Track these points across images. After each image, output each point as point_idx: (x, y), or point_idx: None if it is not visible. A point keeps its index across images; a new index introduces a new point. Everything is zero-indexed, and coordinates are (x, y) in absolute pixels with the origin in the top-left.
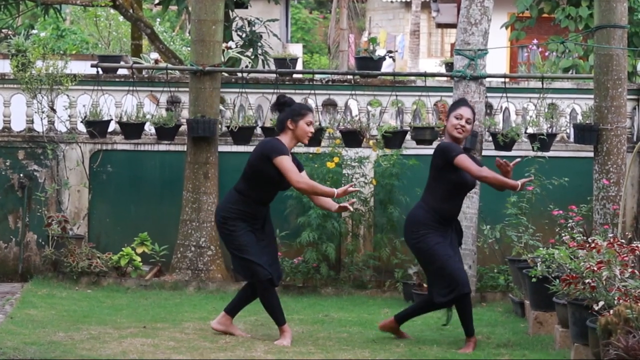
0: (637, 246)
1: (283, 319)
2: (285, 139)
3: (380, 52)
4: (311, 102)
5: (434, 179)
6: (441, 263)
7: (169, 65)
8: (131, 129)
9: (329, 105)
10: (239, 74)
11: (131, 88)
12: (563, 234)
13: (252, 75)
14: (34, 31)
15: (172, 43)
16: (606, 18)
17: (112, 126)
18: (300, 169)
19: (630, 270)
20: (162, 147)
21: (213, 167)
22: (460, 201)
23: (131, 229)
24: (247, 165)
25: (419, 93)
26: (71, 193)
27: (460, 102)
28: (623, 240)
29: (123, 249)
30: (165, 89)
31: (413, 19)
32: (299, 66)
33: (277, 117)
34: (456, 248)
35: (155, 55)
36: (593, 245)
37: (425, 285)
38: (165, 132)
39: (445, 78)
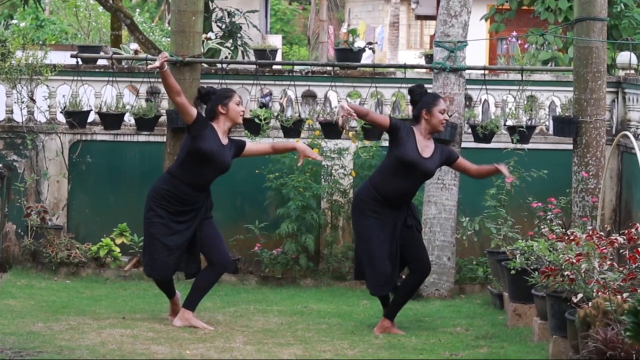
0: (615, 239)
1: (168, 294)
2: (218, 125)
3: (359, 43)
4: (291, 93)
5: (385, 158)
6: (363, 246)
7: (149, 56)
8: (111, 120)
9: (309, 96)
10: (219, 65)
11: (111, 79)
12: (542, 226)
13: (232, 66)
14: (14, 21)
15: (151, 34)
16: (586, 10)
17: (92, 117)
18: (241, 148)
19: (609, 262)
20: (142, 138)
21: None
22: (405, 183)
23: (110, 219)
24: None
25: (399, 85)
26: (50, 183)
27: (437, 96)
28: (602, 233)
29: (102, 239)
30: (145, 79)
31: (392, 11)
32: (279, 57)
33: (205, 108)
34: (396, 235)
35: (134, 45)
36: (572, 237)
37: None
38: (145, 122)
39: (424, 70)
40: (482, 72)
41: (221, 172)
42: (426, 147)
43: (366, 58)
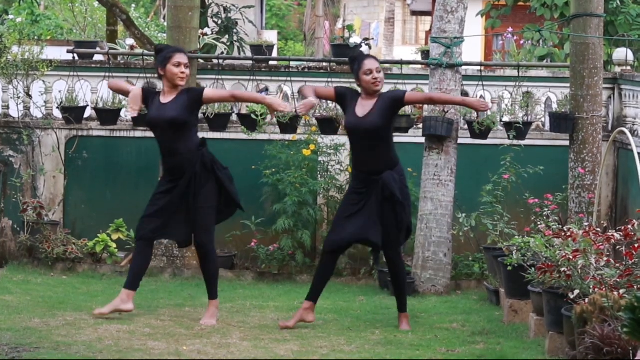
0: (612, 235)
1: (130, 284)
2: (164, 87)
3: (356, 39)
4: (287, 89)
5: None
6: (335, 218)
7: (145, 52)
8: (107, 115)
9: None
10: (215, 61)
11: (107, 74)
12: (539, 223)
13: (228, 62)
14: (10, 17)
15: (147, 29)
16: (583, 7)
17: (88, 112)
18: (199, 96)
19: (605, 259)
20: (138, 134)
21: None
22: (362, 151)
23: (107, 215)
24: None
25: (395, 81)
26: (47, 179)
27: (360, 57)
28: (599, 229)
29: (99, 235)
30: (141, 75)
31: (388, 7)
32: (275, 53)
33: None
34: (371, 207)
35: (130, 41)
36: (569, 234)
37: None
38: (142, 118)
39: (421, 66)
40: (479, 68)
41: (170, 128)
42: (366, 106)
43: None
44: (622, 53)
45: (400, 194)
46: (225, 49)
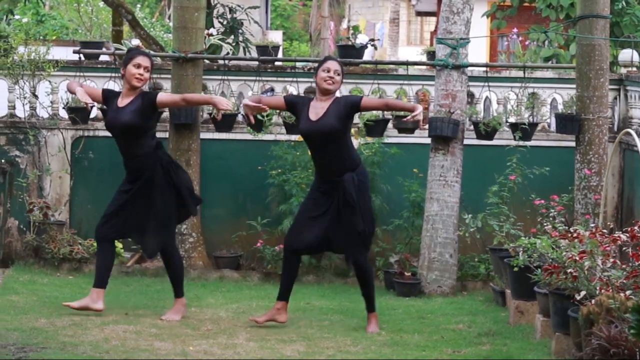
0: (618, 236)
1: (98, 282)
2: (123, 88)
3: (362, 39)
4: (293, 89)
5: None
6: (295, 218)
7: (151, 52)
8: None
9: (311, 92)
10: (221, 61)
11: (113, 74)
12: (545, 224)
13: (234, 62)
14: (16, 17)
15: (152, 29)
16: (589, 8)
17: (94, 112)
18: (152, 100)
19: (612, 260)
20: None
21: (195, 154)
22: (318, 151)
23: None
24: None
25: (401, 81)
26: (53, 179)
27: (327, 58)
28: (605, 230)
29: None
30: None
31: (392, 7)
32: (280, 54)
33: None
34: (331, 210)
35: (136, 41)
36: (575, 235)
37: (407, 273)
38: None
39: (426, 67)
40: (484, 69)
41: (125, 132)
42: (319, 109)
43: (367, 54)
44: (627, 54)
45: (357, 196)
46: (230, 50)
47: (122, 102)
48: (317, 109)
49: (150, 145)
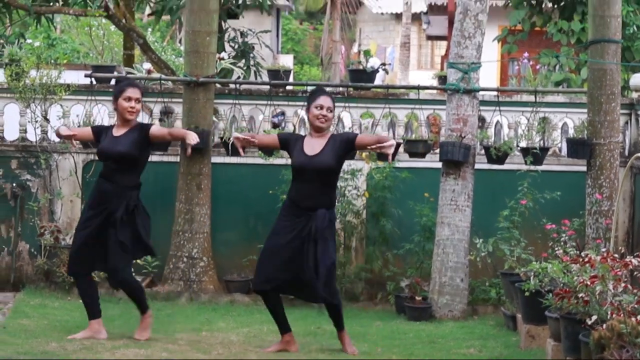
0: (630, 261)
1: (92, 314)
2: (117, 120)
3: (374, 62)
4: (303, 114)
5: None
6: (263, 248)
7: (163, 76)
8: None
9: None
10: (232, 85)
11: None
12: (556, 248)
13: (245, 86)
14: (29, 40)
15: (163, 53)
16: (600, 33)
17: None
18: (146, 131)
19: (623, 285)
20: (155, 158)
21: (206, 178)
22: (305, 185)
23: None
24: None
25: (412, 106)
26: (64, 203)
27: (318, 92)
28: (616, 255)
29: None
30: (158, 99)
31: (403, 31)
32: (291, 78)
33: None
34: (299, 241)
35: (147, 65)
36: (586, 259)
37: (418, 297)
38: (158, 143)
39: (438, 91)
40: (496, 93)
41: (119, 161)
42: (315, 145)
43: (378, 78)
44: (639, 79)
45: (327, 233)
46: (242, 74)
47: (117, 132)
48: (313, 145)
49: (135, 181)
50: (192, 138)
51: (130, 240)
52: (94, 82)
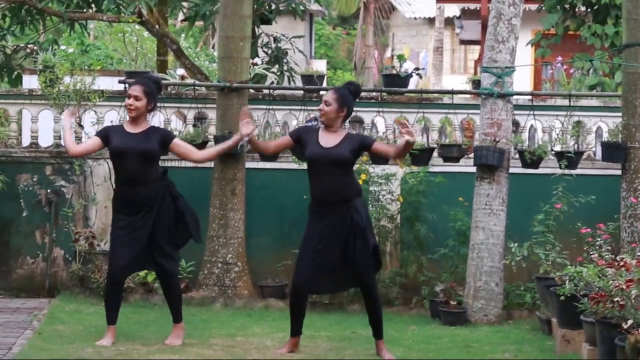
0: None
1: (109, 319)
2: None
3: (409, 66)
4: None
5: None
6: (300, 252)
7: (196, 82)
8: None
9: (356, 122)
10: (266, 91)
11: (158, 104)
12: (591, 252)
13: (279, 91)
14: (62, 47)
15: (197, 59)
16: (634, 36)
17: None
18: (167, 139)
19: None
20: (190, 164)
21: (240, 183)
22: (324, 178)
23: None
24: None
25: (446, 110)
26: (98, 209)
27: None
28: None
29: None
30: (192, 105)
31: (436, 36)
32: (325, 83)
33: None
34: (333, 240)
35: (181, 71)
36: (622, 263)
37: (452, 302)
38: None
39: (471, 95)
40: (529, 97)
41: (140, 158)
42: (331, 139)
43: (411, 83)
44: None
45: (365, 221)
46: (275, 79)
47: (131, 129)
48: (328, 138)
49: (159, 171)
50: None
51: (168, 233)
52: (128, 88)
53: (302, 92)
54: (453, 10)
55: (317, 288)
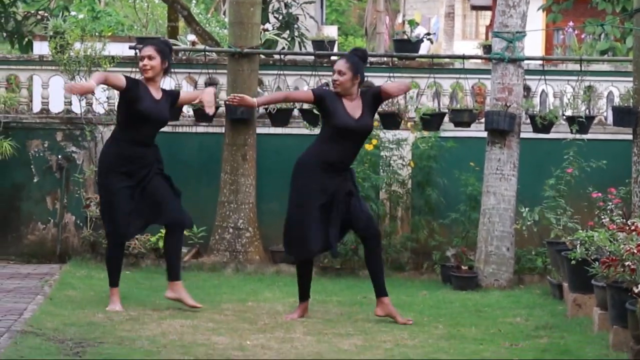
0: None
1: (112, 281)
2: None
3: (420, 30)
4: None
5: (322, 128)
6: (290, 214)
7: (207, 47)
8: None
9: (367, 87)
10: (277, 56)
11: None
12: (602, 217)
13: (290, 57)
14: (73, 13)
15: (208, 25)
16: None
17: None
18: (175, 98)
19: None
20: (200, 129)
21: (251, 149)
22: (346, 147)
23: None
24: None
25: (457, 75)
26: None
27: (341, 55)
28: None
29: (161, 230)
30: (203, 71)
31: (447, 1)
32: (336, 49)
33: None
34: (335, 202)
35: (192, 37)
36: (633, 227)
37: (463, 267)
38: (203, 114)
39: (483, 60)
40: (541, 62)
41: (160, 125)
42: (355, 108)
43: (423, 49)
44: None
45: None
46: (286, 44)
47: (154, 94)
48: (353, 107)
49: None
50: (209, 104)
51: (171, 188)
52: (138, 54)
53: (312, 57)
54: None
55: (313, 254)
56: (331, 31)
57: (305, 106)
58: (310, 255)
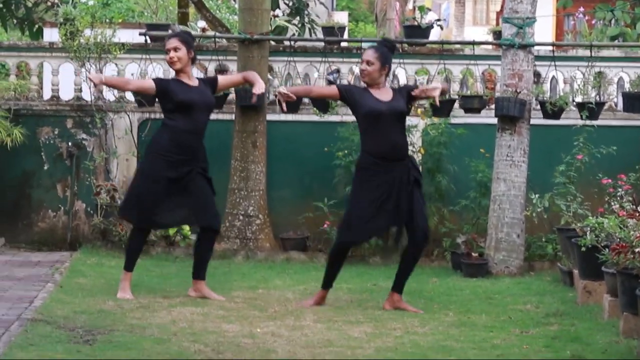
0: None
1: (127, 265)
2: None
3: (431, 16)
4: (358, 70)
5: (358, 124)
6: (350, 205)
7: (217, 34)
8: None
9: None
10: (287, 43)
11: None
12: (612, 203)
13: (300, 43)
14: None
15: (218, 11)
16: None
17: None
18: (214, 83)
19: None
20: (211, 116)
21: (261, 135)
22: (388, 132)
23: None
24: None
25: (467, 61)
26: (119, 162)
27: (368, 47)
28: None
29: None
30: (213, 57)
31: None
32: (346, 35)
33: None
34: (394, 192)
35: (202, 23)
36: None
37: (474, 254)
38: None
39: (493, 46)
40: (551, 48)
41: (207, 111)
42: (384, 94)
43: (433, 35)
44: None
45: (420, 176)
46: (296, 31)
47: (189, 83)
48: (381, 94)
49: None
50: (260, 87)
51: (210, 188)
52: (149, 41)
53: (323, 44)
54: None
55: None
56: (341, 17)
57: None
58: (343, 245)
